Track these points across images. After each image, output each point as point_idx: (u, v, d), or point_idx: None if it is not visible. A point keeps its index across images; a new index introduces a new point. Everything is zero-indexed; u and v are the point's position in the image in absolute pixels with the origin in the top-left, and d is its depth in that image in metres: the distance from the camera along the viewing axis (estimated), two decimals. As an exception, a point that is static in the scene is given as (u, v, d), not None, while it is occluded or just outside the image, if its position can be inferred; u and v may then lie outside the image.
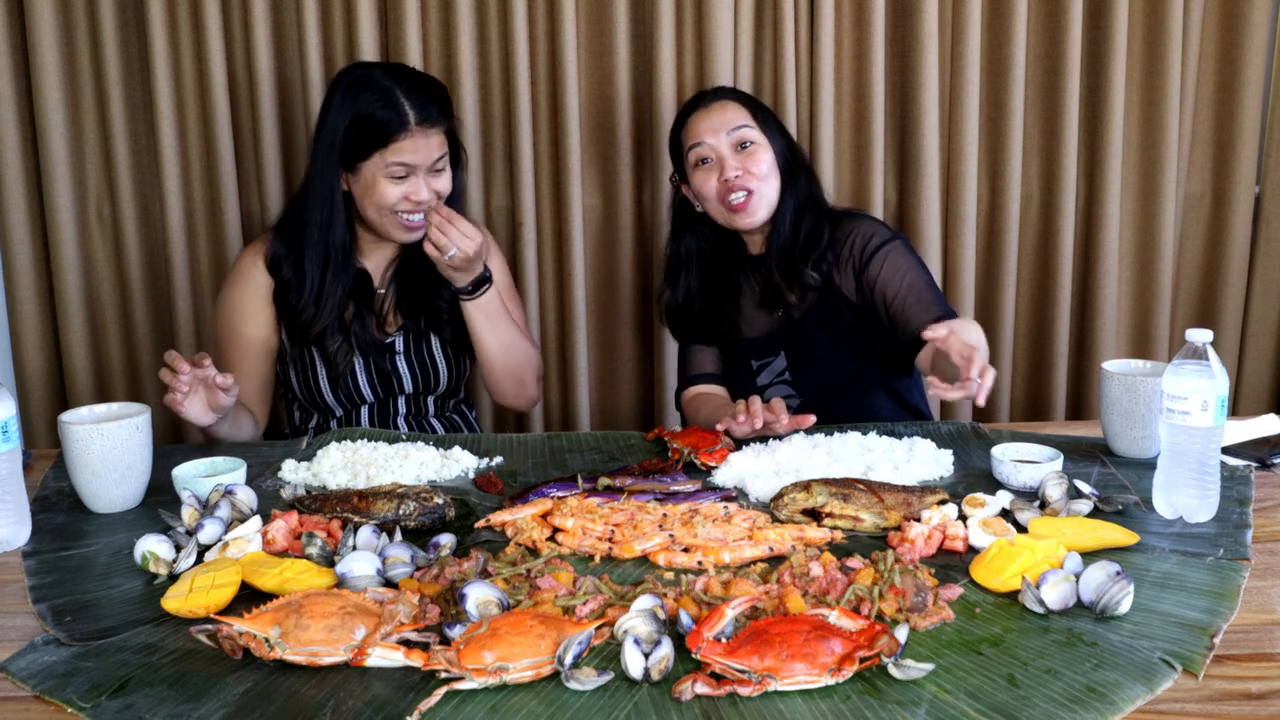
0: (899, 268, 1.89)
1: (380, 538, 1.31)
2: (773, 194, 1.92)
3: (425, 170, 1.86)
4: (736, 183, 1.89)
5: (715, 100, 1.94)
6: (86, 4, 2.24)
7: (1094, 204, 2.41)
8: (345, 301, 1.92)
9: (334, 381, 1.95)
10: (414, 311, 1.98)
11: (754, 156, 1.90)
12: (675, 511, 1.39)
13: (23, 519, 1.38)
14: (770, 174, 1.91)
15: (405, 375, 1.99)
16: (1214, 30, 2.37)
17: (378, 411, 2.00)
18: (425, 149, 1.84)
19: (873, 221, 1.99)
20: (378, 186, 1.85)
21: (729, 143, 1.90)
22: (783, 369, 2.00)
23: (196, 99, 2.28)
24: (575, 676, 0.99)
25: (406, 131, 1.82)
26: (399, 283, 1.99)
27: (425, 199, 1.87)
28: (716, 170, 1.90)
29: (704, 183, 1.92)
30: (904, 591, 1.13)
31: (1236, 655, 1.05)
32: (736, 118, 1.91)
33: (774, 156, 1.92)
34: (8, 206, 2.29)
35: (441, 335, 2.00)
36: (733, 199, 1.90)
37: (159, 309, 2.39)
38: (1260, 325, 2.50)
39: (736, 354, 2.04)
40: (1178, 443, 1.36)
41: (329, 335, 1.91)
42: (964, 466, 1.62)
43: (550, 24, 2.28)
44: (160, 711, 0.97)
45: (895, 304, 1.87)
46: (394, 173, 1.84)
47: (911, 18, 2.30)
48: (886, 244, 1.91)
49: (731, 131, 1.90)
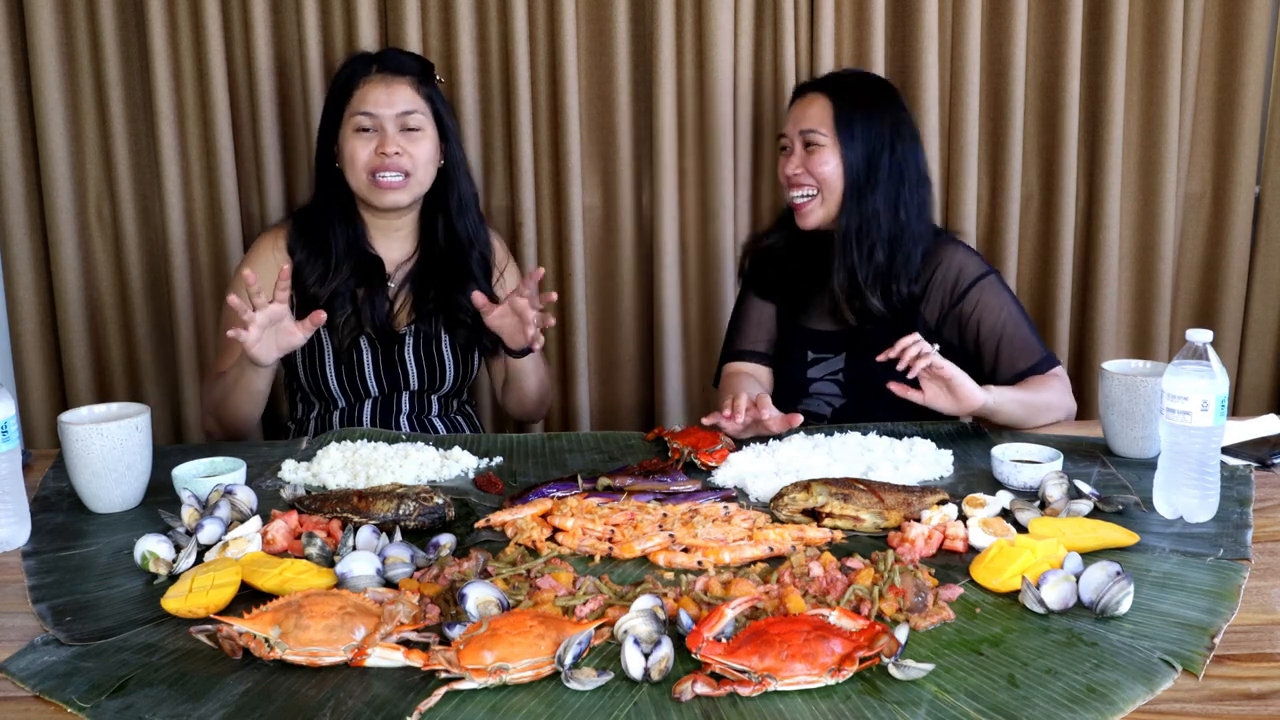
0: (993, 308, 1.88)
1: (380, 538, 1.31)
2: (833, 202, 1.90)
3: (393, 123, 1.85)
4: (795, 180, 1.90)
5: (810, 92, 1.92)
6: (86, 4, 2.24)
7: (1094, 204, 2.41)
8: (353, 280, 1.93)
9: (339, 367, 1.94)
10: (431, 312, 1.98)
11: (815, 158, 1.88)
12: (675, 511, 1.39)
13: (23, 519, 1.38)
14: (831, 179, 1.88)
15: (412, 370, 1.98)
16: (1214, 30, 2.37)
17: (381, 406, 2.00)
18: (387, 98, 1.84)
19: (966, 251, 1.95)
20: (347, 145, 1.87)
21: (800, 138, 1.90)
22: (838, 370, 1.97)
23: (196, 99, 2.28)
24: (575, 676, 0.99)
25: (367, 78, 1.85)
26: (416, 284, 1.99)
27: (392, 151, 1.85)
28: (788, 160, 1.92)
29: (780, 167, 1.95)
30: (904, 591, 1.13)
31: (1236, 655, 1.05)
32: (814, 118, 1.88)
33: (843, 163, 1.87)
34: (8, 206, 2.29)
35: (454, 336, 2.00)
36: (792, 194, 1.92)
37: (159, 309, 2.39)
38: (1260, 325, 2.50)
39: (794, 337, 2.02)
40: (1178, 443, 1.36)
41: (338, 306, 1.91)
42: (964, 466, 1.62)
43: (550, 24, 2.28)
44: (160, 711, 0.97)
45: (987, 344, 1.88)
46: (359, 123, 1.85)
47: (911, 18, 2.30)
48: (981, 279, 1.89)
49: (805, 131, 1.89)
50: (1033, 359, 1.87)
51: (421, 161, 1.90)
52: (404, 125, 1.86)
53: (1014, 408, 1.76)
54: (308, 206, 2.01)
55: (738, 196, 2.39)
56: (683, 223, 2.40)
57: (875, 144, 1.88)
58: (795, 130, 1.91)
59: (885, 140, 1.89)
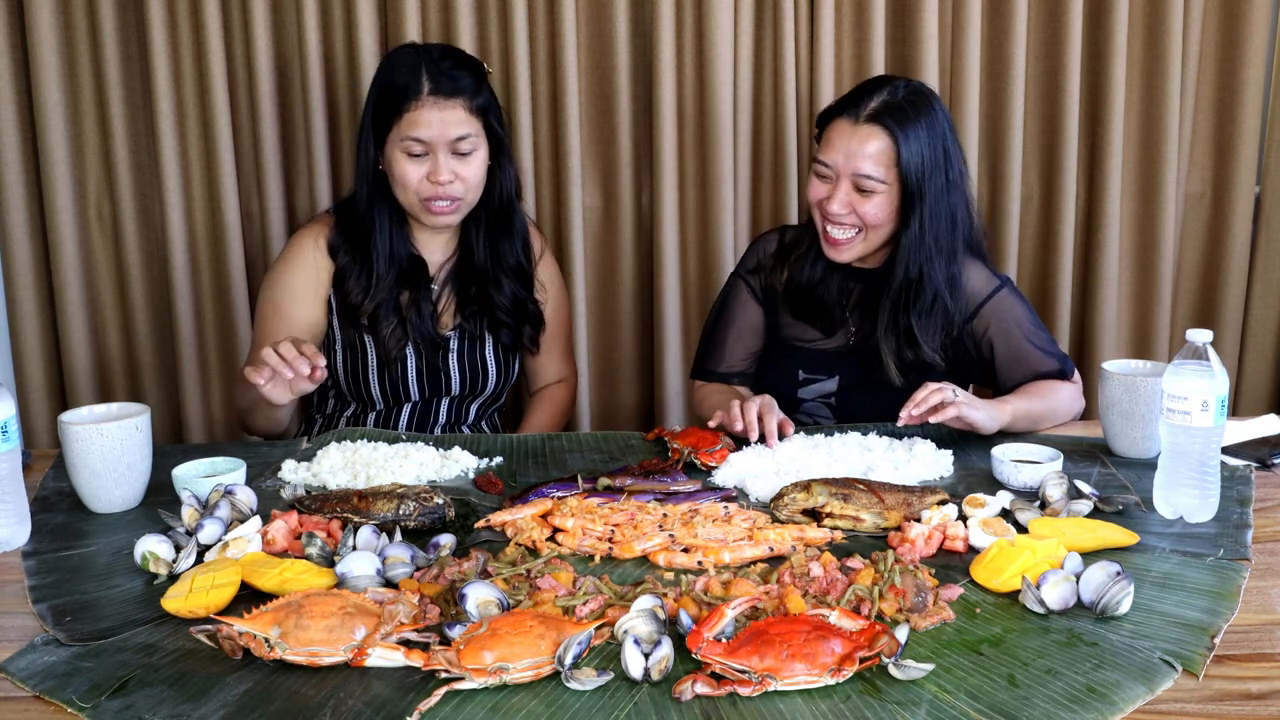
0: (1004, 327, 1.81)
1: (380, 538, 1.31)
2: (876, 240, 1.77)
3: (445, 149, 1.78)
4: (837, 218, 1.74)
5: (867, 124, 1.71)
6: (86, 4, 2.24)
7: (1094, 204, 2.41)
8: (398, 287, 1.89)
9: (383, 372, 1.91)
10: (475, 313, 1.96)
11: (870, 200, 1.72)
12: (675, 511, 1.39)
13: (23, 519, 1.38)
14: (883, 222, 1.74)
15: (455, 375, 1.96)
16: (1214, 30, 2.37)
17: (420, 411, 1.98)
18: (440, 124, 1.76)
19: (973, 265, 1.85)
20: (397, 165, 1.80)
21: (851, 178, 1.72)
22: (830, 393, 1.90)
23: (196, 99, 2.28)
24: (575, 676, 0.99)
25: (418, 101, 1.75)
26: (458, 282, 1.96)
27: (445, 180, 1.79)
28: (828, 191, 1.75)
29: (814, 190, 1.78)
30: (904, 592, 1.13)
31: (1236, 655, 1.05)
32: (872, 161, 1.70)
33: (901, 208, 1.73)
34: (8, 206, 2.29)
35: (498, 336, 1.98)
36: (830, 230, 1.77)
37: (159, 309, 2.39)
38: (1260, 325, 2.50)
39: (785, 351, 1.93)
40: (1178, 443, 1.36)
41: (383, 317, 1.88)
42: (964, 466, 1.62)
43: (550, 24, 2.28)
44: (160, 711, 0.97)
45: (1002, 362, 1.83)
46: (410, 149, 1.78)
47: (911, 18, 2.30)
48: (991, 296, 1.82)
49: (858, 175, 1.71)
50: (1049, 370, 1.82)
51: (473, 183, 1.84)
52: (455, 150, 1.79)
53: (1024, 423, 1.74)
54: (349, 203, 1.93)
55: (738, 196, 2.39)
56: (683, 223, 2.40)
57: (937, 186, 1.73)
58: (846, 167, 1.71)
59: (943, 176, 1.74)
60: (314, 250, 1.91)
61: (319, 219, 1.97)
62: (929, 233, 1.74)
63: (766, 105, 2.35)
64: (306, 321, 1.90)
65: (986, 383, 1.91)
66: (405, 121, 1.77)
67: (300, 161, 2.33)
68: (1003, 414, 1.68)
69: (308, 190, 2.32)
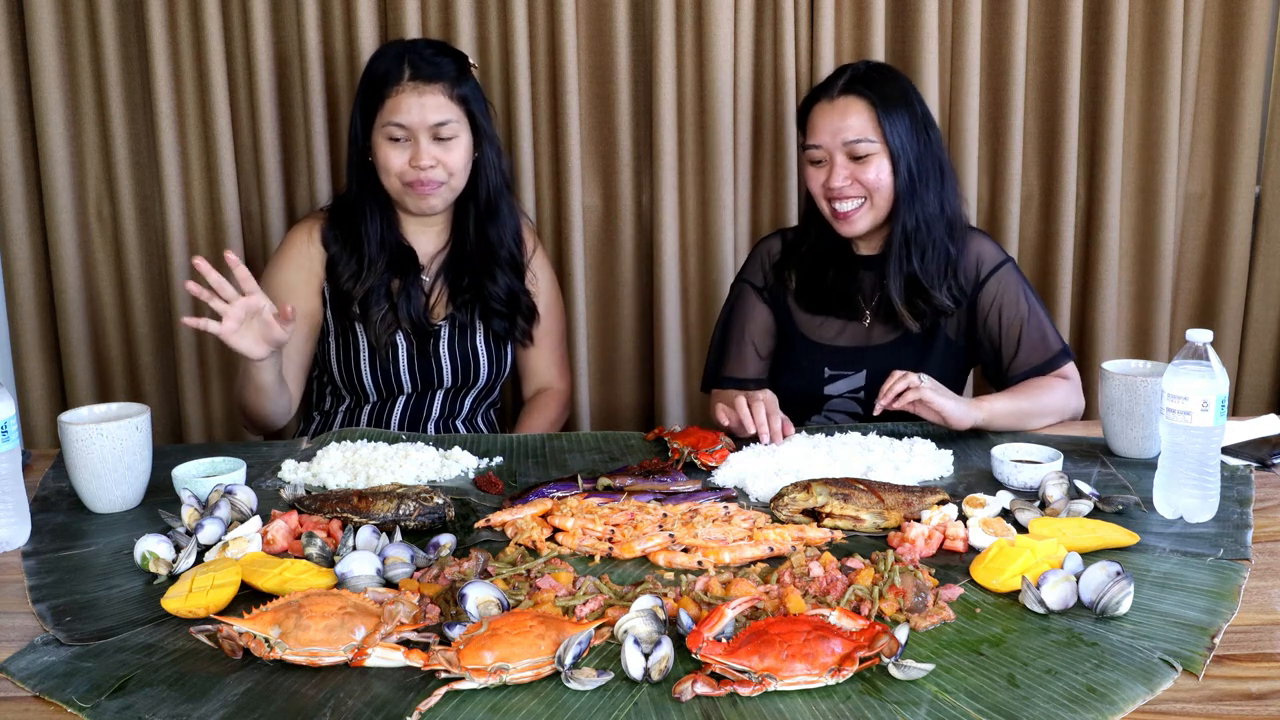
0: (1011, 298, 1.86)
1: (380, 538, 1.31)
2: (882, 206, 1.83)
3: (426, 134, 1.82)
4: (840, 192, 1.81)
5: (842, 96, 1.81)
6: (86, 4, 2.24)
7: (1094, 204, 2.41)
8: (389, 274, 1.91)
9: (374, 361, 1.93)
10: (467, 302, 1.98)
11: (867, 166, 1.80)
12: (675, 511, 1.39)
13: (22, 519, 1.38)
14: (884, 184, 1.81)
15: (446, 364, 1.97)
16: (1214, 30, 2.37)
17: (414, 404, 1.99)
18: (419, 109, 1.81)
19: (982, 237, 1.92)
20: (380, 151, 1.85)
21: (844, 149, 1.80)
22: (859, 388, 1.92)
23: (196, 99, 2.28)
24: (575, 676, 0.99)
25: (399, 86, 1.80)
26: (450, 274, 1.98)
27: (427, 164, 1.83)
28: (826, 172, 1.82)
29: (812, 179, 1.85)
30: (904, 591, 1.13)
31: (1236, 655, 1.05)
32: (857, 126, 1.79)
33: (893, 164, 1.80)
34: (8, 206, 2.29)
35: (489, 325, 2.00)
36: (837, 206, 1.83)
37: (159, 309, 2.39)
38: (1260, 325, 2.50)
39: (807, 349, 1.95)
40: (1178, 443, 1.36)
41: (373, 303, 1.90)
42: (964, 466, 1.62)
43: (550, 24, 2.28)
44: (160, 711, 0.97)
45: (1007, 335, 1.86)
46: (391, 134, 1.82)
47: (911, 17, 2.30)
48: (999, 268, 1.87)
49: (850, 142, 1.79)
50: (1048, 353, 1.85)
51: (456, 169, 1.87)
52: (436, 135, 1.83)
53: (1009, 420, 1.75)
54: (343, 198, 1.98)
55: (738, 196, 2.39)
56: (683, 223, 2.40)
57: (918, 139, 1.82)
58: (835, 141, 1.80)
59: (923, 131, 1.83)
60: (307, 243, 1.94)
61: (313, 214, 2.01)
62: (919, 180, 1.82)
63: (766, 105, 2.35)
64: (302, 314, 1.92)
65: (992, 364, 1.92)
66: (387, 108, 1.82)
67: (300, 161, 2.33)
68: (977, 411, 1.70)
69: (307, 190, 2.32)
